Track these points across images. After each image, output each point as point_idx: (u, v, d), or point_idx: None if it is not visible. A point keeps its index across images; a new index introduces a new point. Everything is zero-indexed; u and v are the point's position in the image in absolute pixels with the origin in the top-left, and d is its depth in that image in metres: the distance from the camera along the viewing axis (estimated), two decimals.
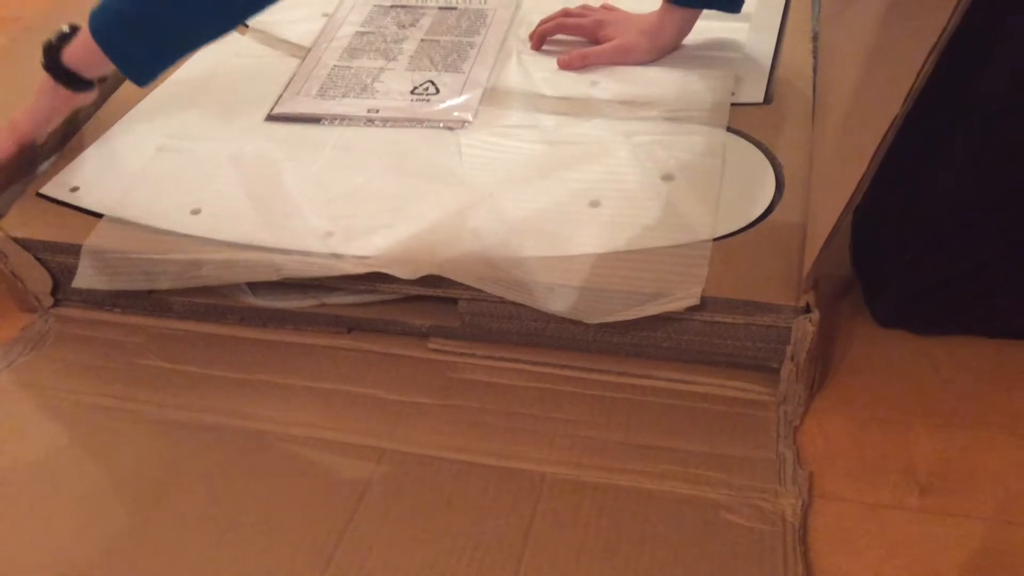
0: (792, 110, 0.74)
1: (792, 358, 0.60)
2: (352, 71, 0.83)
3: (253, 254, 0.66)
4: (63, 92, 0.72)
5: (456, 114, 0.77)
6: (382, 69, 0.83)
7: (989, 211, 0.60)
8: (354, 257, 0.64)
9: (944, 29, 0.45)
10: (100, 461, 0.63)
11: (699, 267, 0.61)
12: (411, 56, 0.85)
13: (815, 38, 0.83)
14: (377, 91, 0.81)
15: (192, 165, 0.75)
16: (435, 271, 0.63)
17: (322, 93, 0.81)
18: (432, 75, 0.82)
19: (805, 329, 0.58)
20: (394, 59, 0.85)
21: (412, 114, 0.78)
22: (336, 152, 0.74)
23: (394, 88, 0.81)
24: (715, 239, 0.63)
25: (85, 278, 0.69)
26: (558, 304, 0.62)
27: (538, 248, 0.64)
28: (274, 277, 0.65)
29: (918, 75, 0.47)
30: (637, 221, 0.65)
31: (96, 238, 0.68)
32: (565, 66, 0.81)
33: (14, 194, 0.74)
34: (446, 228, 0.66)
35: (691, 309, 0.61)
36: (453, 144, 0.74)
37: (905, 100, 0.48)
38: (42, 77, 0.72)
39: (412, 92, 0.80)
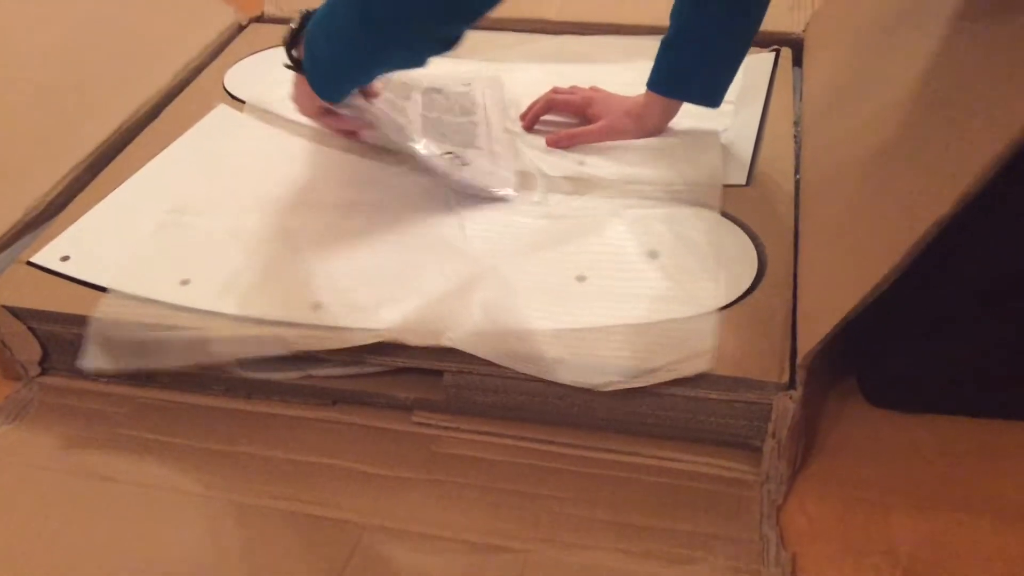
0: (774, 192, 0.76)
1: (774, 435, 0.60)
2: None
3: (262, 329, 0.66)
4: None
5: (500, 189, 0.78)
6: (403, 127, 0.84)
7: (995, 301, 0.61)
8: (362, 330, 0.65)
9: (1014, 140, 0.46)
10: (78, 533, 0.62)
11: (705, 336, 0.63)
12: (421, 127, 0.85)
13: (797, 123, 0.85)
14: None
15: (191, 238, 0.75)
16: (447, 343, 0.63)
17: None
18: (451, 147, 0.82)
19: (786, 406, 0.59)
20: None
21: (455, 174, 0.79)
22: (339, 226, 0.75)
23: (421, 148, 0.81)
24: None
25: (91, 359, 0.69)
26: (569, 374, 0.62)
27: (546, 320, 0.65)
28: (283, 351, 0.65)
29: (975, 182, 0.48)
30: (638, 294, 0.67)
31: (100, 318, 0.68)
32: (554, 144, 0.83)
33: (3, 262, 0.74)
34: (453, 300, 0.67)
35: (676, 385, 0.61)
36: (455, 218, 0.76)
37: (956, 203, 0.48)
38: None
39: (442, 155, 0.81)
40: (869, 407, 0.67)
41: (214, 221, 0.77)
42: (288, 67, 0.75)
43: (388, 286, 0.69)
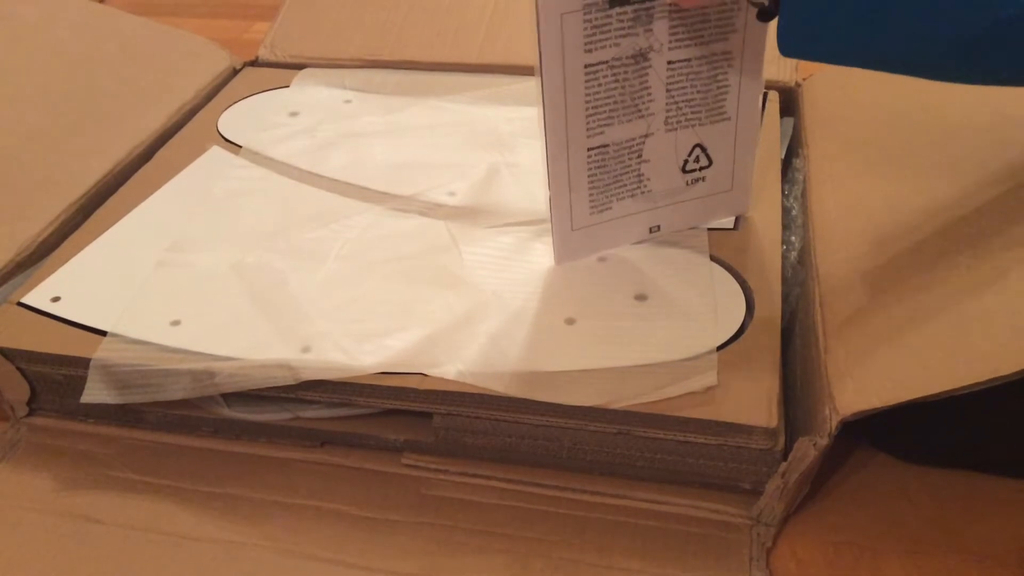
0: (761, 237, 0.76)
1: (783, 475, 0.60)
2: None
3: (267, 360, 0.66)
4: None
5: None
6: None
7: None
8: (371, 359, 0.65)
9: None
10: (61, 574, 0.61)
11: (710, 359, 0.64)
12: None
13: (783, 164, 0.86)
14: None
15: (183, 278, 0.75)
16: (454, 376, 0.64)
17: None
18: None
19: (807, 451, 0.58)
20: None
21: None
22: (339, 262, 0.76)
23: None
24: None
25: (94, 393, 0.68)
26: (577, 398, 0.62)
27: (551, 350, 0.65)
28: (292, 381, 0.65)
29: None
30: (629, 338, 0.67)
31: (104, 352, 0.68)
32: None
33: None
34: (459, 330, 0.67)
35: (665, 428, 0.62)
36: (452, 245, 0.77)
37: None
38: None
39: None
40: (856, 451, 0.67)
41: (206, 262, 0.77)
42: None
43: (392, 318, 0.69)
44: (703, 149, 0.71)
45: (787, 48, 0.56)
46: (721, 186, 0.74)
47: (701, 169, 0.72)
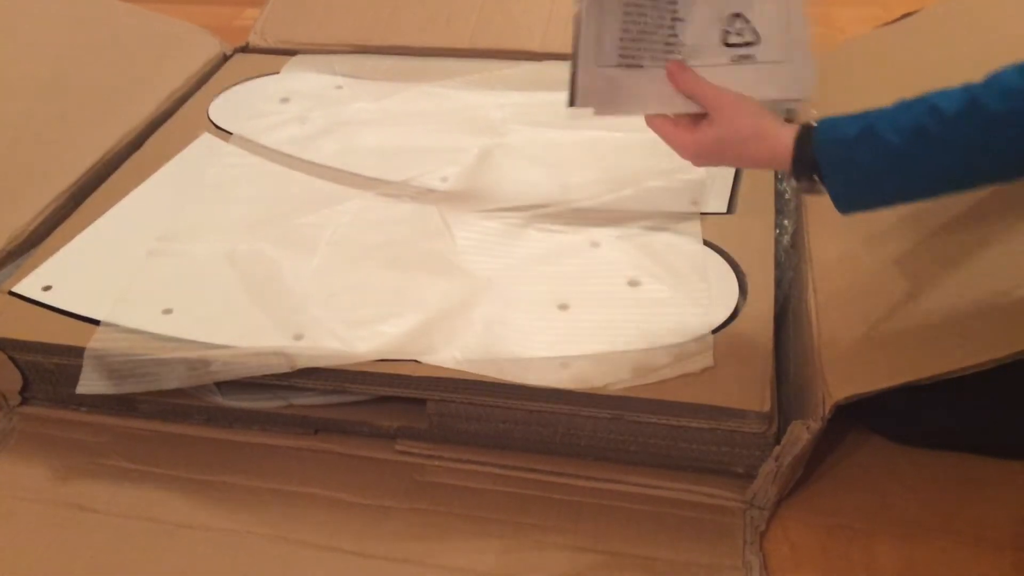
0: (754, 221, 0.76)
1: (777, 458, 0.60)
2: None
3: (262, 348, 0.66)
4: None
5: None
6: None
7: None
8: (365, 346, 0.65)
9: None
10: (56, 564, 0.61)
11: (704, 342, 0.64)
12: None
13: None
14: None
15: (174, 266, 0.75)
16: (452, 364, 0.64)
17: None
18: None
19: (800, 434, 0.58)
20: None
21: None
22: (331, 248, 0.76)
23: None
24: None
25: (89, 384, 0.68)
26: (572, 381, 0.62)
27: (544, 336, 0.66)
28: (286, 369, 0.65)
29: None
30: (621, 323, 0.67)
31: (98, 342, 0.68)
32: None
33: None
34: (455, 316, 0.68)
35: (658, 413, 0.61)
36: (445, 231, 0.77)
37: None
38: None
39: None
40: (850, 436, 0.67)
41: (197, 250, 0.77)
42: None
43: (387, 304, 0.69)
44: (745, 20, 0.63)
45: (843, 210, 0.59)
46: (772, 55, 0.63)
47: (747, 45, 0.63)
